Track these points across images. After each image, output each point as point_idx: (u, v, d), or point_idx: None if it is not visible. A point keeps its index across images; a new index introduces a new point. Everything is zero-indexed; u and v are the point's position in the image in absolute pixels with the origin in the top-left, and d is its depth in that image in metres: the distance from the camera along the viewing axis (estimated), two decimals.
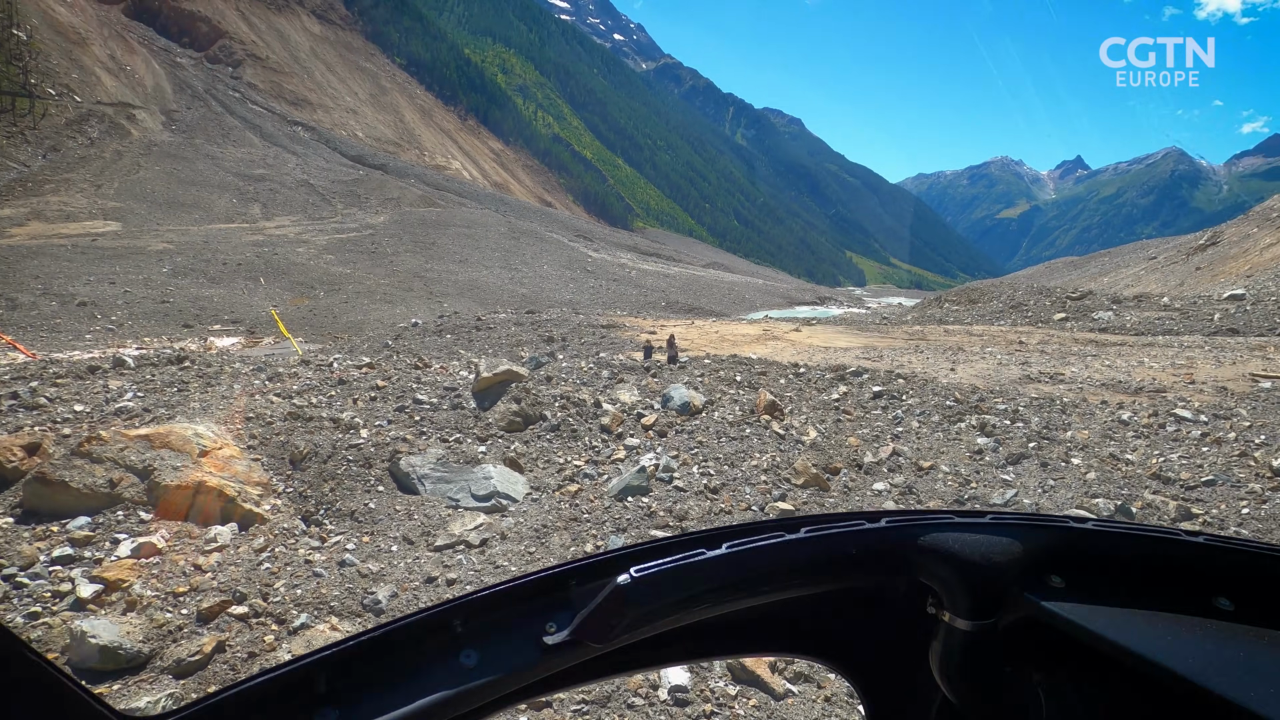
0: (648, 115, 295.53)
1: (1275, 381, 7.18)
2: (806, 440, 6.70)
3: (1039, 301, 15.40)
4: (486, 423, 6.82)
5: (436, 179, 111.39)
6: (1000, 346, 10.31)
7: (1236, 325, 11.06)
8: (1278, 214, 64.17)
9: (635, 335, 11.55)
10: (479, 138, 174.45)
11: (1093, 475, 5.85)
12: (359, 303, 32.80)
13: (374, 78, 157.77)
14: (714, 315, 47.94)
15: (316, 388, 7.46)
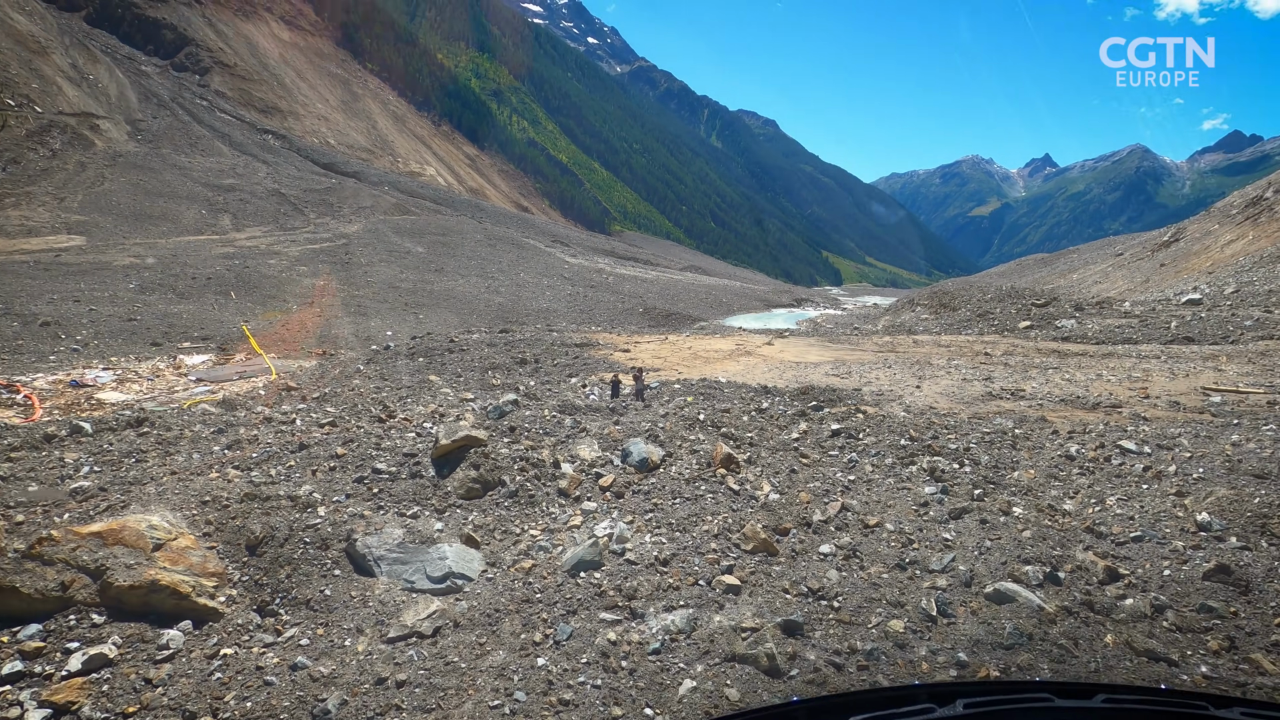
0: (623, 119, 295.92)
1: (1224, 395, 7.42)
2: (760, 496, 6.87)
3: (1005, 309, 15.71)
4: (445, 491, 6.85)
5: (411, 186, 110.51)
6: (966, 359, 10.49)
7: (1192, 333, 11.37)
8: (1237, 210, 66.02)
9: (609, 354, 11.58)
10: (453, 143, 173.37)
11: (1028, 534, 6.08)
12: (332, 315, 32.42)
13: (345, 84, 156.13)
14: (691, 320, 48.15)
15: (277, 455, 7.40)
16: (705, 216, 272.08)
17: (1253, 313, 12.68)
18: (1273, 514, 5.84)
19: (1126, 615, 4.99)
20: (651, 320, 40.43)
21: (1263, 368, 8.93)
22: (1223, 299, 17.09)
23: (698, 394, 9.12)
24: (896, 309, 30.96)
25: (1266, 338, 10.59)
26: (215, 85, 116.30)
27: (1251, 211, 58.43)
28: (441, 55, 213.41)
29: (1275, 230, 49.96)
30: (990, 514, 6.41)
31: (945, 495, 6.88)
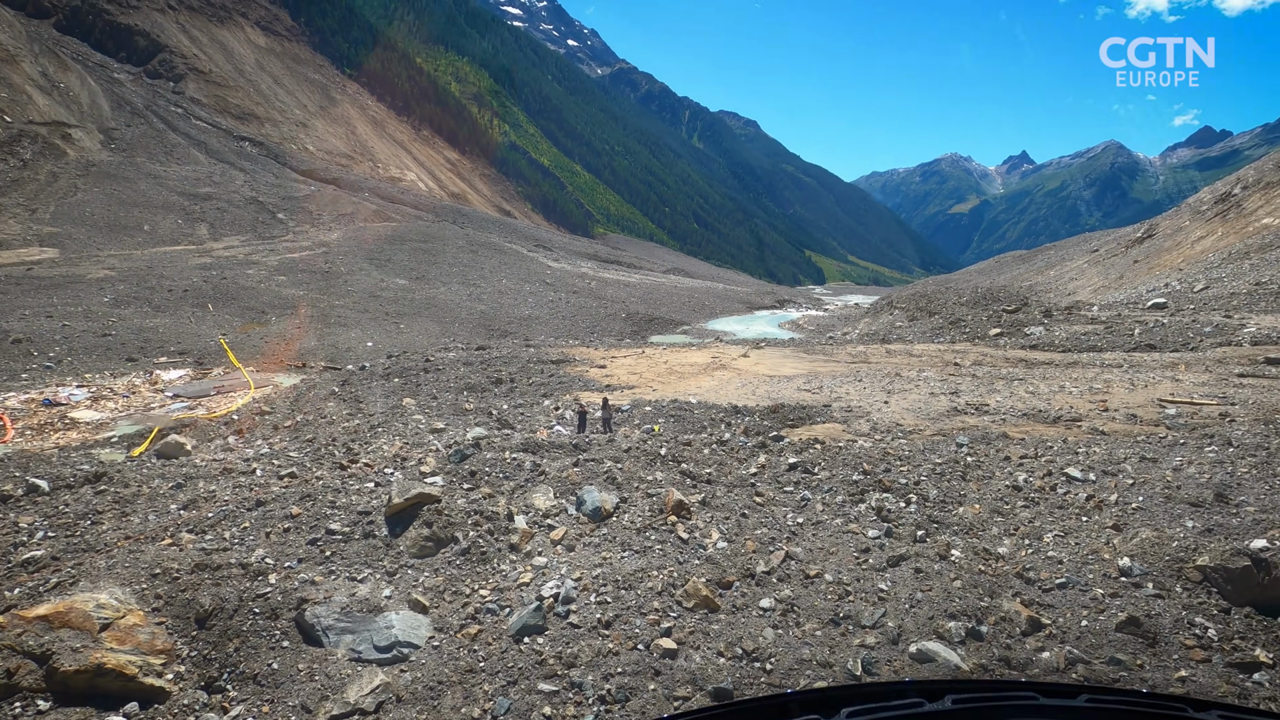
0: (604, 121, 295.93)
1: (1180, 408, 7.64)
2: (708, 545, 6.99)
3: (977, 316, 15.98)
4: (397, 551, 6.90)
5: (391, 191, 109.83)
6: (936, 370, 10.67)
7: (1154, 340, 11.64)
8: (1207, 206, 67.34)
9: (585, 371, 11.62)
10: (434, 148, 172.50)
11: (959, 583, 6.27)
12: (312, 327, 32.17)
13: (323, 89, 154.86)
14: (674, 324, 48.26)
15: (233, 515, 7.39)
16: (688, 218, 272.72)
17: (1213, 318, 13.00)
18: (1189, 557, 6.06)
19: (1041, 670, 5.15)
20: (634, 325, 40.50)
21: (1218, 376, 9.18)
22: (1187, 302, 17.47)
23: (668, 416, 9.19)
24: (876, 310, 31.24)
25: (1224, 344, 10.87)
26: (190, 92, 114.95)
27: (1221, 208, 59.66)
28: (420, 59, 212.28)
29: (1243, 227, 51.08)
30: (928, 560, 6.56)
31: (888, 539, 7.05)
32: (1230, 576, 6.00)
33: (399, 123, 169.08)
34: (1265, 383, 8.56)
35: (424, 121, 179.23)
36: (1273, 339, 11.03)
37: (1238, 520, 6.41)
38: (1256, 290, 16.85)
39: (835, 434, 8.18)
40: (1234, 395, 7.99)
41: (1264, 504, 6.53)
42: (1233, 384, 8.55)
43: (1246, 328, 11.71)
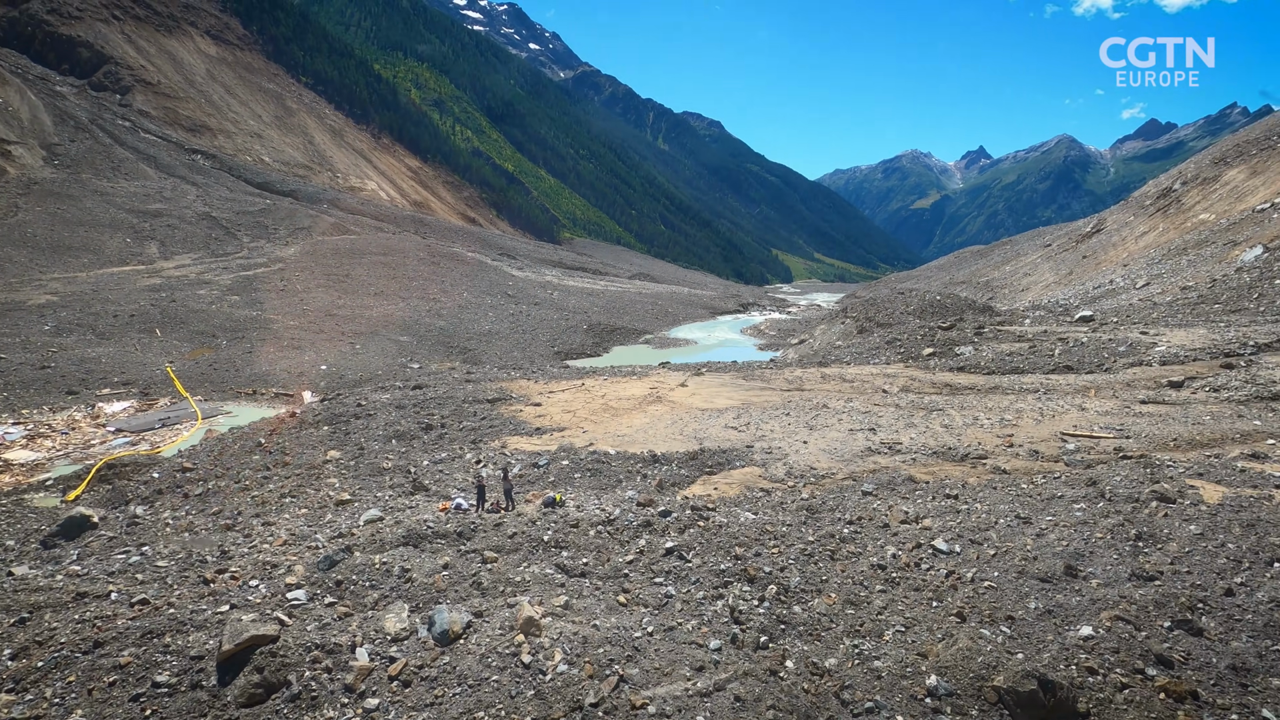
0: (568, 125, 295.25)
1: (1079, 442, 7.93)
2: (548, 670, 6.84)
3: (913, 336, 16.34)
4: (224, 702, 6.59)
5: (351, 202, 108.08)
6: (864, 398, 10.91)
7: (1072, 361, 12.04)
8: (1150, 201, 69.68)
9: (519, 411, 11.58)
10: (395, 156, 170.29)
11: (772, 714, 6.16)
12: (264, 351, 31.50)
13: (278, 99, 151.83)
14: (636, 334, 48.33)
15: (61, 663, 6.90)
16: (655, 220, 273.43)
17: (1130, 334, 13.48)
18: (989, 675, 6.22)
19: None
20: (595, 337, 40.46)
21: (1122, 404, 9.54)
22: (1121, 307, 18.08)
23: (585, 470, 9.19)
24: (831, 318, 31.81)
25: (1136, 363, 11.31)
26: (138, 104, 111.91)
27: (1162, 203, 61.79)
28: (379, 66, 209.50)
29: (1182, 222, 53.01)
30: (756, 679, 6.53)
31: (731, 647, 7.02)
32: (1020, 699, 6.17)
33: (358, 131, 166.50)
34: (1163, 410, 8.92)
35: (384, 129, 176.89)
36: (1179, 358, 11.49)
37: (1078, 600, 6.60)
38: (1179, 299, 17.45)
39: (751, 480, 8.30)
40: (1131, 426, 8.32)
41: (1109, 575, 6.76)
42: (1133, 412, 8.90)
43: (1158, 346, 12.18)
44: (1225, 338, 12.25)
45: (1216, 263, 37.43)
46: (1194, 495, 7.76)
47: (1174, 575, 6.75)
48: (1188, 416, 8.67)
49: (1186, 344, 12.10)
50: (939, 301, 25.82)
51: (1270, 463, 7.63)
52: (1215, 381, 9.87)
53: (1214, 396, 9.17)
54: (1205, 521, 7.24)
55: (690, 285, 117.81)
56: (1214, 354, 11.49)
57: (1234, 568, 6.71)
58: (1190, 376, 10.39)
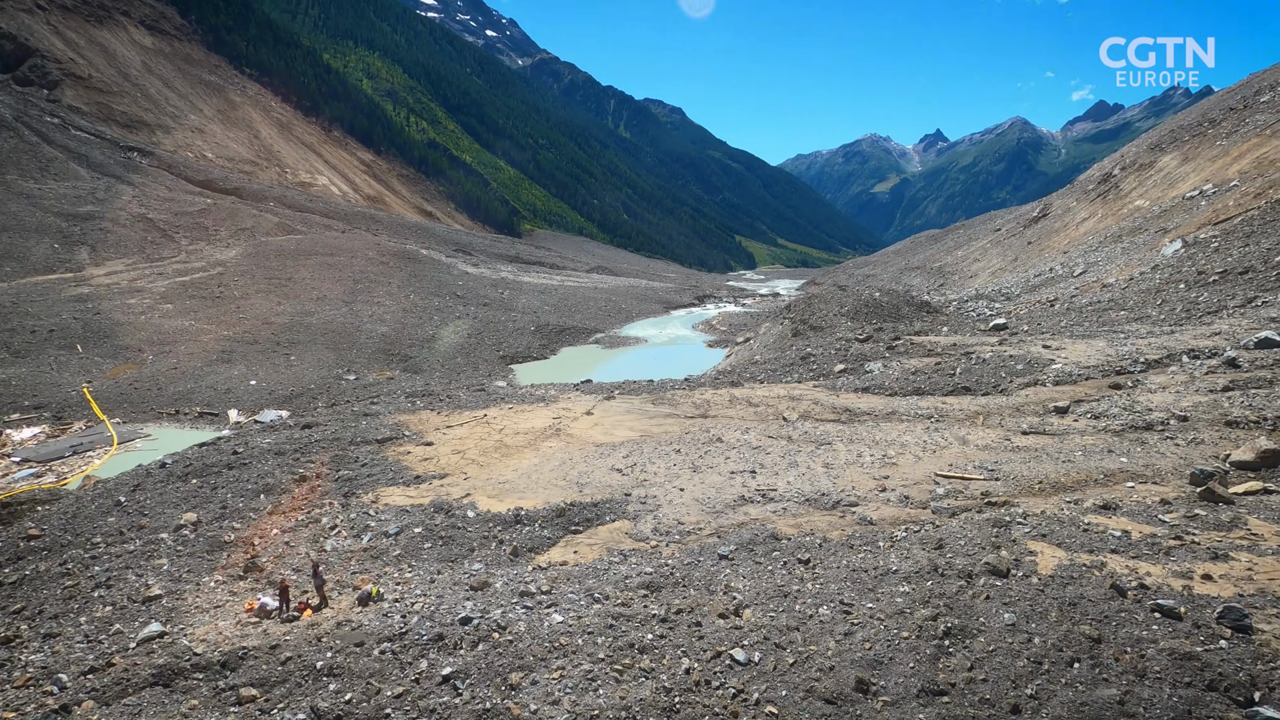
0: (527, 113, 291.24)
1: (951, 485, 7.84)
2: None
3: (826, 351, 16.23)
4: None
5: (300, 199, 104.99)
6: (761, 428, 10.74)
7: (970, 382, 12.04)
8: (1092, 186, 71.38)
9: (406, 454, 11.06)
10: (347, 149, 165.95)
11: None
12: (192, 366, 30.27)
13: (221, 92, 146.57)
14: (587, 333, 47.86)
15: None
16: (618, 209, 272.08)
17: (1033, 349, 13.55)
18: None
19: None
20: (543, 339, 39.90)
21: (1004, 434, 9.52)
22: (1021, 321, 18.25)
23: (438, 539, 8.75)
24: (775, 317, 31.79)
25: (1031, 383, 11.35)
26: (68, 100, 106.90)
27: (1102, 189, 63.32)
28: (328, 56, 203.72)
29: (1119, 208, 54.36)
30: None
31: None
32: None
33: (307, 124, 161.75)
34: (1041, 443, 8.92)
35: (335, 121, 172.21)
36: (1072, 378, 11.55)
37: None
38: (1093, 303, 17.62)
39: (615, 539, 8.00)
40: (1004, 465, 8.28)
41: (899, 690, 6.18)
42: (1011, 446, 8.88)
43: (1055, 363, 12.24)
44: (1120, 353, 12.36)
45: (1147, 250, 38.44)
46: (1029, 564, 7.67)
47: (966, 688, 6.33)
48: (1060, 452, 8.66)
49: (1082, 360, 12.18)
50: (874, 301, 25.87)
51: (1118, 516, 7.61)
52: (1098, 407, 9.92)
53: (1093, 426, 9.20)
54: (1025, 605, 7.09)
55: (651, 276, 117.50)
56: (1106, 372, 11.57)
57: (1032, 672, 6.34)
58: (1077, 400, 10.44)
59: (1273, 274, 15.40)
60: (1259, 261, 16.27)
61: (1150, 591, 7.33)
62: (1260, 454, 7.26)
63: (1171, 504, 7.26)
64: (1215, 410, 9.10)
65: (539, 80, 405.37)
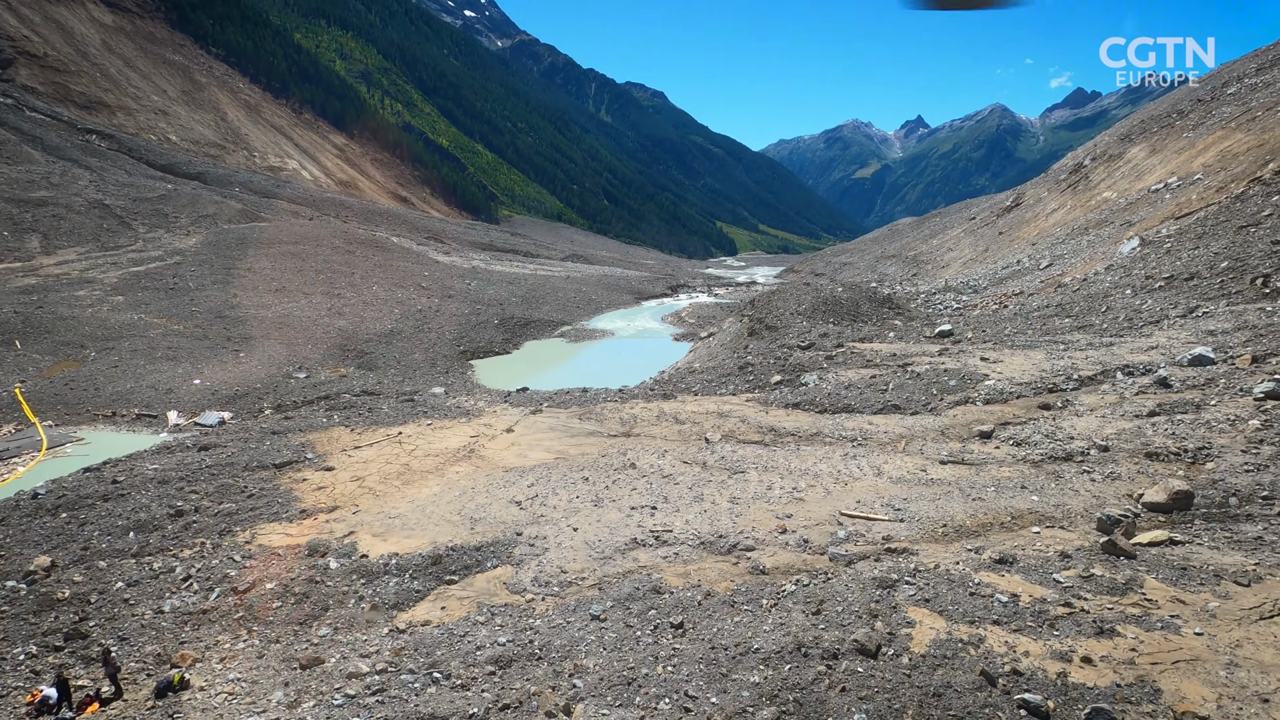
0: (506, 97, 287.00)
1: (854, 527, 7.43)
2: None
3: (765, 361, 15.74)
4: None
5: (267, 185, 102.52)
6: (680, 450, 10.27)
7: (900, 400, 11.65)
8: (1064, 176, 71.64)
9: (300, 482, 10.36)
10: (318, 132, 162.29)
11: None
12: (135, 363, 29.19)
13: (186, 72, 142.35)
14: (552, 326, 47.11)
15: None
16: (598, 194, 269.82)
17: (972, 360, 13.21)
18: None
19: None
20: (506, 332, 39.15)
21: (923, 462, 9.15)
22: (969, 326, 17.94)
23: (291, 595, 8.09)
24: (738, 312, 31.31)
25: (961, 402, 11.00)
26: (22, 79, 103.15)
27: (1072, 179, 63.52)
28: (299, 35, 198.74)
29: (1088, 199, 54.55)
30: None
31: None
32: None
33: (277, 106, 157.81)
34: (957, 475, 8.54)
35: (306, 104, 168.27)
36: (1003, 395, 11.21)
37: None
38: (1042, 308, 17.31)
39: (491, 591, 7.43)
40: (913, 504, 7.87)
41: None
42: (925, 480, 8.49)
43: (989, 379, 11.89)
44: (1055, 368, 12.05)
45: (1111, 244, 38.51)
46: (904, 639, 7.14)
47: None
48: (973, 487, 8.27)
49: (1017, 376, 11.84)
50: (834, 298, 25.49)
51: (1012, 573, 7.14)
52: (1021, 432, 9.57)
53: (1012, 455, 8.84)
54: (882, 700, 6.49)
55: (628, 264, 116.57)
56: (1038, 389, 11.23)
57: None
58: (1004, 422, 10.08)
59: (1216, 281, 15.19)
60: (1205, 267, 16.06)
61: (1023, 679, 6.73)
62: (1172, 495, 6.92)
63: (1072, 557, 6.77)
64: (1138, 439, 8.77)
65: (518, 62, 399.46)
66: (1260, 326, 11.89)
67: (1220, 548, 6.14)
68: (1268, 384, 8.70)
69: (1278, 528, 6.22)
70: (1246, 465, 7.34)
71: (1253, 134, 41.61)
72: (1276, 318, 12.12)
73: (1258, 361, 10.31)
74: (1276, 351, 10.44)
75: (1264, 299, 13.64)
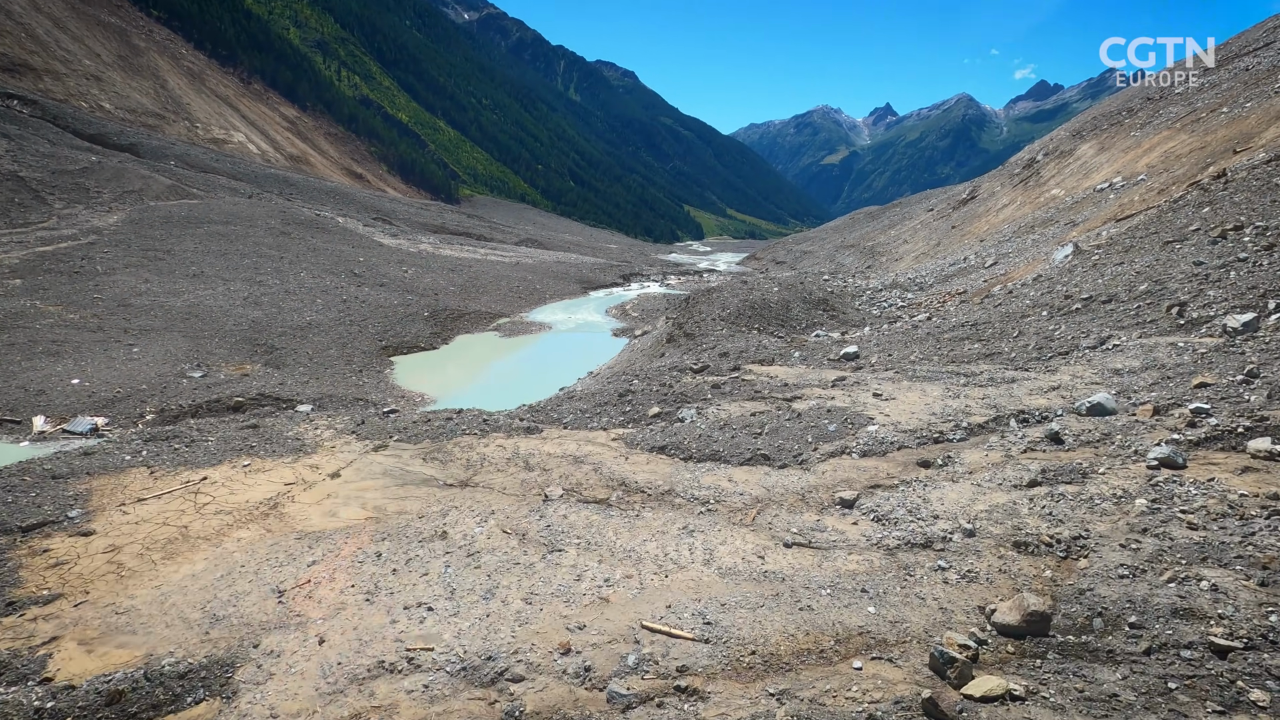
0: (471, 72, 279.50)
1: (651, 645, 6.17)
2: None
3: (647, 388, 14.39)
4: None
5: (206, 159, 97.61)
6: (510, 510, 8.88)
7: (772, 449, 10.35)
8: (1019, 170, 71.65)
9: (45, 550, 8.66)
10: (267, 104, 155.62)
11: None
12: (9, 359, 26.65)
13: (123, 35, 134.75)
14: (489, 319, 45.29)
15: None
16: (564, 175, 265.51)
17: (861, 397, 12.07)
18: None
19: None
20: (436, 326, 37.25)
21: (764, 544, 7.89)
22: (876, 348, 16.89)
23: None
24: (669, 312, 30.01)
25: (838, 452, 9.84)
26: None
27: (1025, 174, 63.48)
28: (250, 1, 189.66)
29: (1037, 196, 54.41)
30: None
31: None
32: None
33: (223, 75, 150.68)
34: (796, 564, 7.33)
35: (255, 73, 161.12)
36: (884, 445, 10.05)
37: None
38: (954, 329, 16.27)
39: None
40: (730, 612, 6.57)
41: None
42: (761, 569, 7.25)
43: (873, 423, 10.76)
44: (947, 409, 10.95)
45: (1054, 244, 38.12)
46: None
47: None
48: (808, 589, 6.88)
49: (904, 420, 10.71)
50: (762, 301, 24.28)
51: None
52: (886, 503, 8.36)
53: (867, 536, 7.63)
54: None
55: (586, 250, 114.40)
56: (922, 438, 10.09)
57: None
58: (874, 485, 8.90)
59: (1133, 307, 14.35)
60: (1124, 289, 15.23)
61: None
62: (1026, 616, 5.78)
63: None
64: (1010, 520, 7.62)
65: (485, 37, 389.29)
66: (1169, 367, 10.95)
67: (1066, 710, 5.02)
68: (1163, 449, 7.69)
69: (1140, 676, 5.10)
70: (1122, 568, 6.22)
71: (1196, 135, 41.56)
72: (1186, 357, 11.19)
73: (1159, 414, 9.33)
74: (1181, 401, 9.46)
75: (1178, 330, 12.77)
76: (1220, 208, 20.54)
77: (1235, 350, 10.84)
